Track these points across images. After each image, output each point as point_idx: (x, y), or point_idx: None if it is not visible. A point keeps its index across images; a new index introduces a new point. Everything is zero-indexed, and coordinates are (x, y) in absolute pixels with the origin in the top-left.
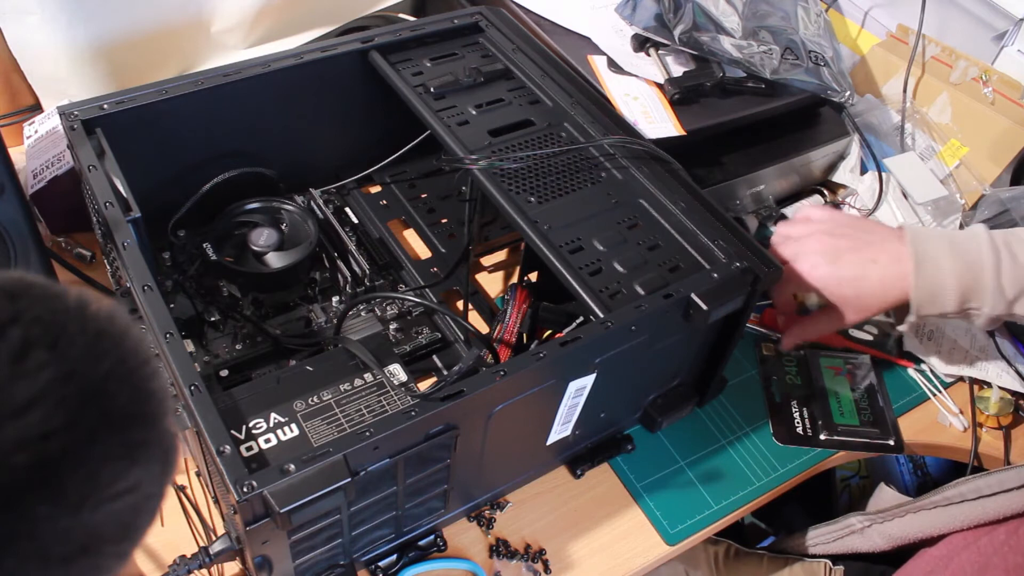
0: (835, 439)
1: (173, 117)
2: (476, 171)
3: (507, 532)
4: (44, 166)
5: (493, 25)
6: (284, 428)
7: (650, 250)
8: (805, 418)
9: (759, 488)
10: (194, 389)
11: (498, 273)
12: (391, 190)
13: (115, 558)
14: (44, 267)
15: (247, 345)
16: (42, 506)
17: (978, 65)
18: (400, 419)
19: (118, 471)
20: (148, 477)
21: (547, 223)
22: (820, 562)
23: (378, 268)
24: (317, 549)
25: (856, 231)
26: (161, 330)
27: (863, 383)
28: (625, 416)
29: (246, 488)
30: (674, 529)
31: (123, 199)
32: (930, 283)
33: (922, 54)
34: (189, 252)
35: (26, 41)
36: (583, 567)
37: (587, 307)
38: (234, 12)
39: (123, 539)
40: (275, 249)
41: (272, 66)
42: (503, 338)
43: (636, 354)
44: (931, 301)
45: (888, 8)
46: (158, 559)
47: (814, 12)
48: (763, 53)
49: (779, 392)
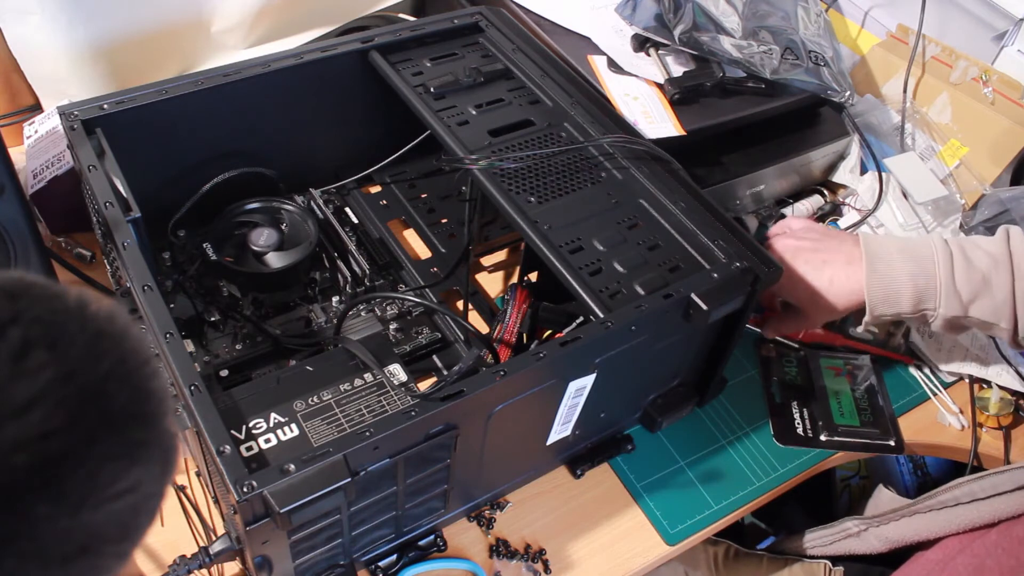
0: (835, 439)
1: (173, 117)
2: (476, 171)
3: (507, 532)
4: (44, 166)
5: (493, 25)
6: (284, 428)
7: (650, 250)
8: (805, 419)
9: (759, 488)
10: (194, 389)
11: (498, 273)
12: (391, 190)
13: (115, 558)
14: (44, 267)
15: (247, 345)
16: (42, 506)
17: (978, 65)
18: (400, 419)
19: (118, 471)
20: (148, 477)
21: (547, 223)
22: (819, 563)
23: (378, 268)
24: (317, 549)
25: (820, 236)
26: (161, 330)
27: (863, 383)
28: (625, 416)
29: (246, 488)
30: (674, 529)
31: (123, 199)
32: (884, 282)
33: (922, 54)
34: (189, 252)
35: (26, 41)
36: (583, 567)
37: (587, 307)
38: (234, 12)
39: (123, 539)
40: (275, 249)
41: (272, 66)
42: (503, 338)
43: (636, 354)
44: (885, 300)
45: (888, 8)
46: (158, 559)
47: (814, 12)
48: (763, 53)
49: (779, 393)
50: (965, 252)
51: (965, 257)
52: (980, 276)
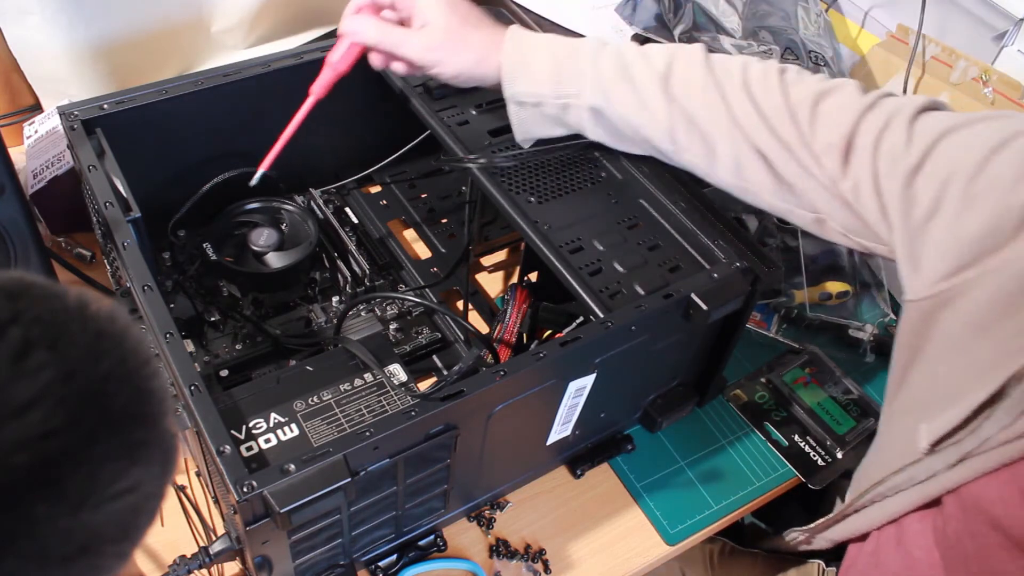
0: (851, 451)
1: (173, 117)
2: (476, 170)
3: (507, 532)
4: (44, 166)
5: None
6: (284, 428)
7: (650, 250)
8: (818, 449)
9: (759, 488)
10: (194, 389)
11: (498, 273)
12: (391, 190)
13: (115, 558)
14: (44, 267)
15: (247, 345)
16: (42, 506)
17: (978, 65)
18: (400, 419)
19: (118, 471)
20: (148, 477)
21: (547, 223)
22: (813, 563)
23: (378, 268)
24: (317, 549)
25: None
26: (161, 330)
27: (829, 380)
28: (625, 416)
29: (246, 488)
30: (674, 529)
31: (123, 199)
32: (521, 49)
33: (922, 54)
34: (189, 252)
35: (26, 41)
36: (583, 567)
37: (587, 307)
38: (234, 12)
39: (123, 539)
40: (275, 249)
41: (272, 66)
42: (503, 338)
43: (636, 354)
44: (523, 70)
45: (888, 8)
46: (158, 559)
47: (814, 12)
48: (763, 53)
49: (781, 436)
50: (618, 47)
51: (617, 50)
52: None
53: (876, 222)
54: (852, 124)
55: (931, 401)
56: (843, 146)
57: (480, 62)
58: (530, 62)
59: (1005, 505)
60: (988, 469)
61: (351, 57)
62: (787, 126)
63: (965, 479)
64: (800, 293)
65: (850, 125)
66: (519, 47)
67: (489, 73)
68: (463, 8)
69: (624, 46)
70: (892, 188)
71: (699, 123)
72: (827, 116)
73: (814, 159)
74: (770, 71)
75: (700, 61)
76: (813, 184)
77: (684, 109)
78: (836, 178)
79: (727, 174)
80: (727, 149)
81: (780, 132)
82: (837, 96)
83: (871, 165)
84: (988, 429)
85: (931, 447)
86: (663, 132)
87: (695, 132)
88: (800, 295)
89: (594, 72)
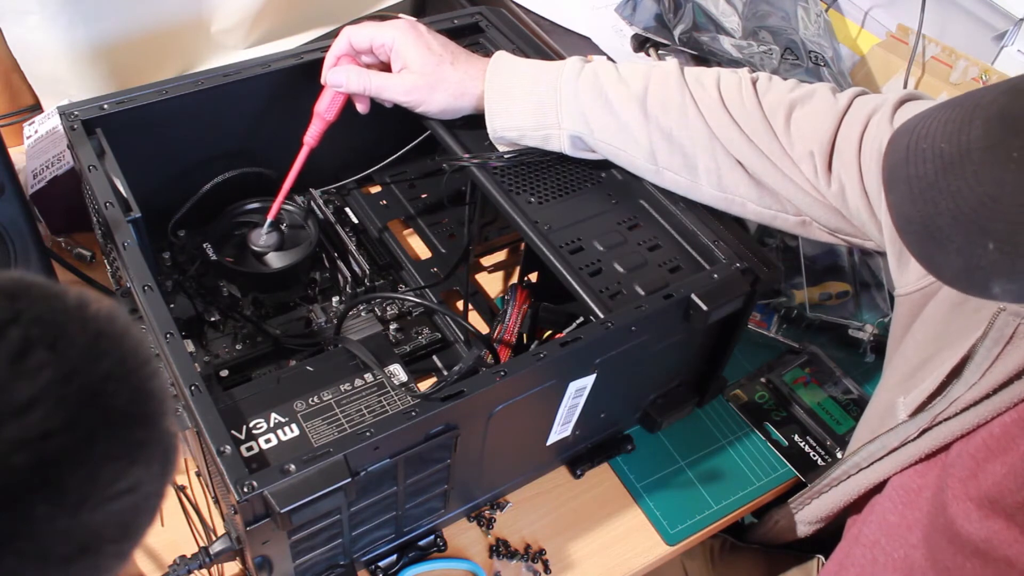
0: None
1: (173, 117)
2: (476, 170)
3: (507, 532)
4: (44, 166)
5: (493, 25)
6: (284, 428)
7: (650, 250)
8: (817, 449)
9: (759, 488)
10: (194, 389)
11: (498, 273)
12: (391, 190)
13: (115, 558)
14: (44, 267)
15: (247, 345)
16: (42, 506)
17: (978, 65)
18: (400, 419)
19: (118, 471)
20: (148, 477)
21: (547, 223)
22: (813, 558)
23: (378, 268)
24: (317, 549)
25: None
26: (161, 330)
27: (829, 380)
28: (625, 416)
29: (246, 488)
30: (674, 529)
31: (123, 199)
32: (498, 85)
33: (922, 54)
34: (189, 252)
35: (26, 41)
36: (583, 567)
37: (587, 307)
38: (234, 12)
39: (123, 539)
40: (275, 249)
41: (272, 66)
42: (503, 338)
43: (636, 354)
44: (503, 107)
45: (888, 8)
46: (158, 559)
47: (814, 12)
48: (763, 53)
49: (781, 436)
50: (596, 72)
51: (594, 72)
52: (604, 96)
53: (865, 221)
54: (830, 131)
55: (909, 376)
56: (824, 152)
57: (460, 97)
58: (510, 97)
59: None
60: (962, 432)
61: (337, 106)
62: (763, 134)
63: (936, 444)
64: (800, 293)
65: (829, 132)
66: (498, 78)
67: (472, 104)
68: (438, 47)
69: (601, 67)
70: (877, 186)
71: (678, 139)
72: (804, 123)
73: (794, 165)
74: (743, 81)
75: (675, 78)
76: (794, 188)
77: (662, 127)
78: (819, 184)
79: (710, 187)
80: (707, 163)
81: (757, 141)
82: (811, 103)
83: (856, 166)
84: (957, 390)
85: (908, 417)
86: (644, 153)
87: (675, 149)
88: (800, 295)
89: (574, 100)
